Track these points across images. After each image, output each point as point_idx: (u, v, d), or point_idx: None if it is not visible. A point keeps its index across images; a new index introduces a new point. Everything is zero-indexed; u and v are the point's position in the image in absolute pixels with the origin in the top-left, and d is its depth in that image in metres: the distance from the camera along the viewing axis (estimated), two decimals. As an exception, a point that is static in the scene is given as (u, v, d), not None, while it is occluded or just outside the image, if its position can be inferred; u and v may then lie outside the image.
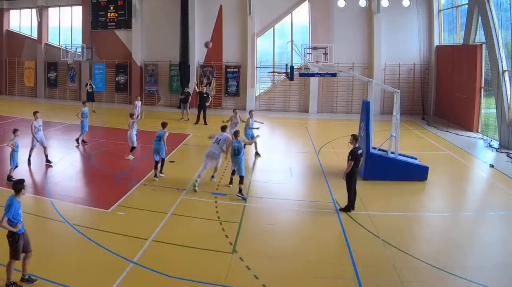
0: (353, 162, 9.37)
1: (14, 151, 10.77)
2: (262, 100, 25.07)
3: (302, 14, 24.41)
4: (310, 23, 24.21)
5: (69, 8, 28.15)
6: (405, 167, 11.79)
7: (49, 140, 14.43)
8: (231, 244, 7.88)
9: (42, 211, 9.21)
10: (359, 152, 9.62)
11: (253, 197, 10.53)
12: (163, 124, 11.95)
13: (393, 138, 11.77)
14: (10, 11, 29.70)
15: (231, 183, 11.18)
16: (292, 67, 13.52)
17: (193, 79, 24.53)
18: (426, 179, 11.70)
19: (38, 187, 10.74)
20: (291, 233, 8.82)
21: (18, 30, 29.63)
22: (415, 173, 11.77)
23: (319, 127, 20.83)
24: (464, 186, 12.20)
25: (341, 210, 9.56)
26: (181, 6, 24.45)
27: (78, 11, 27.73)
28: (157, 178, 11.56)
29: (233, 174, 11.14)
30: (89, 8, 26.97)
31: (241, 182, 10.40)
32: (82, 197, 10.43)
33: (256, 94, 24.95)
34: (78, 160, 13.57)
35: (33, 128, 12.57)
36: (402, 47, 23.13)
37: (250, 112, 14.69)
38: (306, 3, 24.17)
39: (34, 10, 28.39)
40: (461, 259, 7.56)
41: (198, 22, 24.74)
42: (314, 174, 12.56)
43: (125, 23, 26.32)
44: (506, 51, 16.52)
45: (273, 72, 23.00)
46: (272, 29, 24.74)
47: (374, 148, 12.14)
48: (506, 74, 16.15)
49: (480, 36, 18.43)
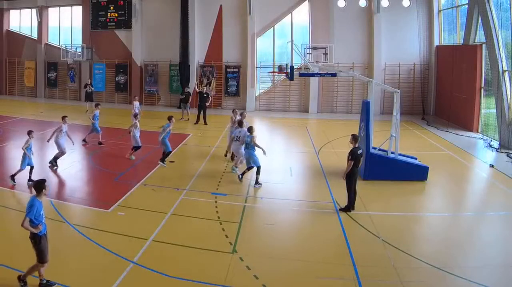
0: (353, 162, 9.36)
1: (28, 152, 10.68)
2: (262, 100, 25.07)
3: (302, 14, 24.39)
4: (310, 23, 24.20)
5: (69, 8, 28.15)
6: (405, 167, 11.78)
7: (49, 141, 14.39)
8: (231, 244, 7.87)
9: (42, 211, 9.19)
10: (359, 151, 9.62)
11: (253, 197, 10.55)
12: (169, 118, 13.15)
13: (393, 138, 11.76)
14: (10, 11, 29.70)
15: (243, 175, 11.41)
16: (292, 67, 13.50)
17: (193, 79, 24.55)
18: (426, 179, 11.70)
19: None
20: (291, 233, 8.82)
21: (18, 30, 29.63)
22: (415, 173, 11.76)
23: (319, 127, 20.82)
24: (464, 186, 12.19)
25: (341, 210, 9.56)
26: (181, 6, 24.45)
27: (78, 11, 27.74)
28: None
29: (248, 169, 11.42)
30: (89, 8, 26.98)
31: (258, 173, 11.13)
32: (82, 197, 10.41)
33: (256, 94, 24.96)
34: (78, 159, 13.56)
35: (60, 133, 12.52)
36: (402, 47, 23.13)
37: (241, 113, 14.20)
38: (306, 3, 24.17)
39: (34, 10, 28.39)
40: (461, 259, 7.55)
41: (198, 22, 24.74)
42: (314, 174, 12.56)
43: (125, 23, 26.32)
44: (506, 51, 16.52)
45: (273, 72, 22.96)
46: (272, 29, 24.73)
47: (374, 148, 12.13)
48: (506, 74, 16.14)
49: (480, 36, 18.42)
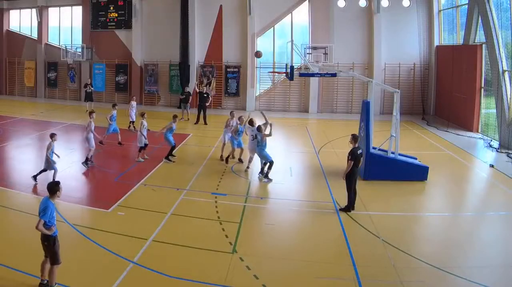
0: (352, 162, 9.36)
1: (50, 156, 10.66)
2: (262, 100, 25.05)
3: (302, 14, 24.40)
4: (310, 23, 24.20)
5: (69, 8, 28.14)
6: (405, 167, 11.79)
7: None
8: (231, 244, 7.87)
9: (42, 211, 9.19)
10: (359, 151, 9.62)
11: (253, 197, 10.55)
12: (174, 117, 13.60)
13: (393, 138, 11.77)
14: (10, 11, 29.69)
15: (267, 176, 11.69)
16: (292, 67, 13.50)
17: (193, 79, 24.54)
18: (426, 179, 11.70)
19: (38, 187, 10.73)
20: (291, 233, 8.82)
21: (18, 30, 29.61)
22: (415, 173, 11.77)
23: (319, 127, 20.82)
24: (464, 186, 12.20)
25: (341, 210, 9.56)
26: (181, 6, 24.45)
27: (78, 11, 27.72)
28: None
29: (265, 164, 11.80)
30: (89, 8, 26.97)
31: (269, 167, 11.59)
32: (82, 197, 10.43)
33: (256, 94, 24.95)
34: (78, 159, 13.55)
35: (91, 129, 12.77)
36: (402, 47, 23.13)
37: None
38: (306, 3, 24.17)
39: (34, 10, 28.38)
40: (461, 259, 7.56)
41: (198, 22, 24.73)
42: (314, 174, 12.56)
43: (125, 23, 26.31)
44: (506, 51, 16.52)
45: (273, 72, 22.98)
46: (272, 29, 24.73)
47: (374, 148, 12.14)
48: (506, 74, 16.14)
49: (480, 36, 18.42)
